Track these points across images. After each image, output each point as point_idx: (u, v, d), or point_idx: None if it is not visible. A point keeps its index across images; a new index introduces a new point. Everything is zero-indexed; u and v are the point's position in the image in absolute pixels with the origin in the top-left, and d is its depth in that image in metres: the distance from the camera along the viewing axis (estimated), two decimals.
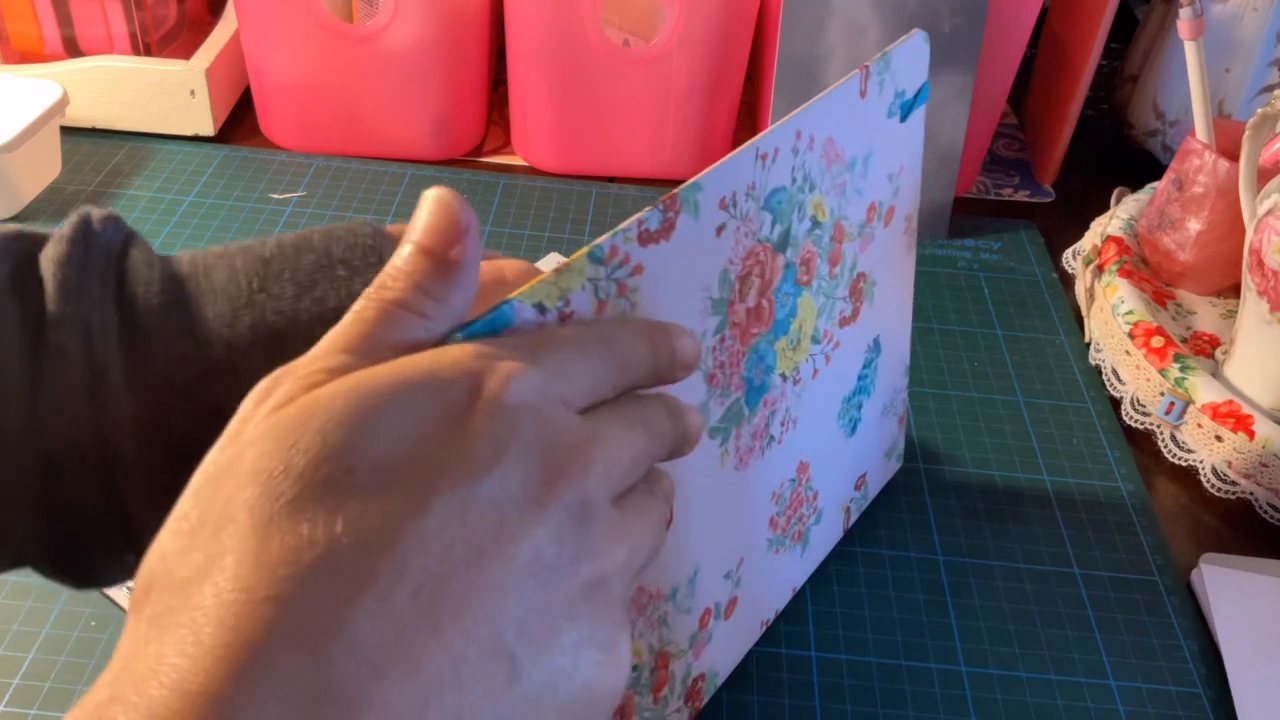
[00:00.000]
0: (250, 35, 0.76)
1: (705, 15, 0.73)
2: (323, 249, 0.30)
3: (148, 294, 0.28)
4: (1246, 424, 0.56)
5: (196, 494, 0.22)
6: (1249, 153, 0.60)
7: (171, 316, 0.28)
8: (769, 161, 0.36)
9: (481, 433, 0.22)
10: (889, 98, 0.43)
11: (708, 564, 0.41)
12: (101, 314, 0.27)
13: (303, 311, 0.28)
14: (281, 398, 0.22)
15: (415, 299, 0.25)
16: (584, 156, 0.80)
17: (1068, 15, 0.82)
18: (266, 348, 0.28)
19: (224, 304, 0.28)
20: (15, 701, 0.44)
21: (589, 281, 0.28)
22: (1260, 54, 0.77)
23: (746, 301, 0.38)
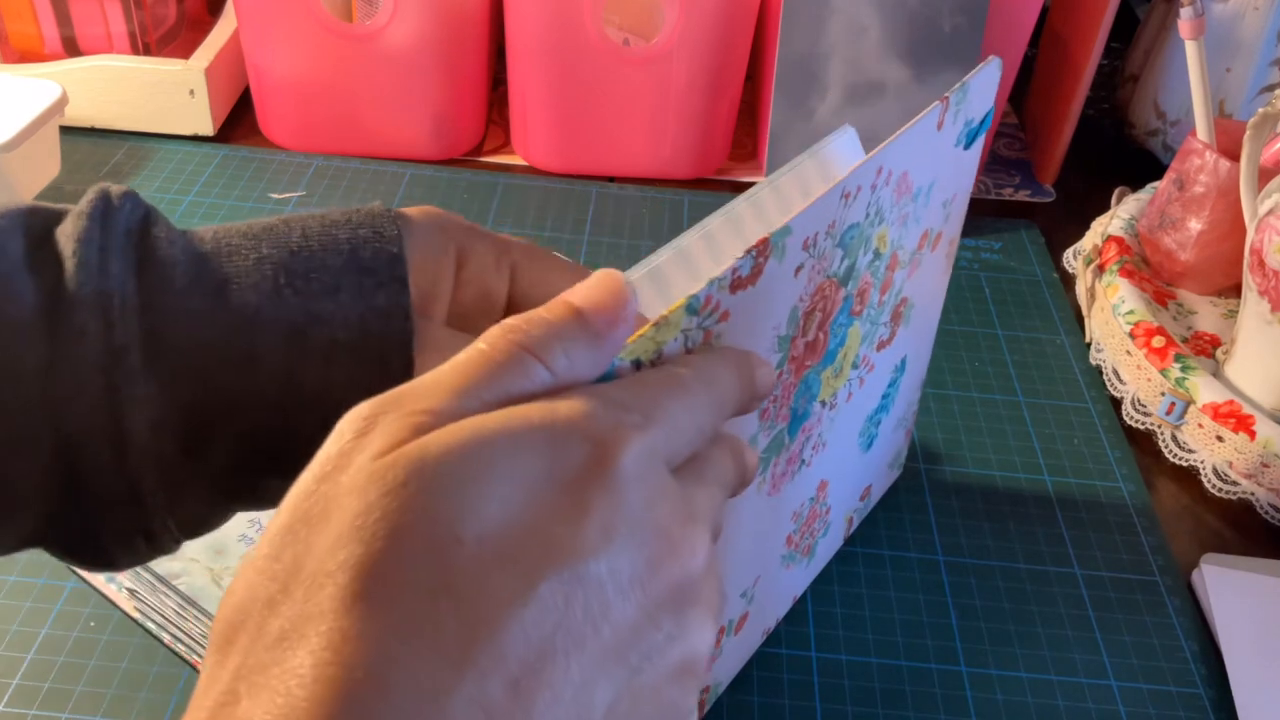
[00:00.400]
0: (249, 35, 0.76)
1: (705, 15, 0.73)
2: (349, 252, 0.29)
3: (170, 274, 0.27)
4: (1247, 424, 0.56)
5: (291, 532, 0.21)
6: (1250, 152, 0.60)
7: (194, 301, 0.27)
8: (850, 200, 0.35)
9: (594, 509, 0.21)
10: (960, 127, 0.43)
11: (729, 587, 0.41)
12: (121, 295, 0.27)
13: (325, 310, 0.28)
14: (386, 442, 0.21)
15: (550, 351, 0.24)
16: (584, 156, 0.80)
17: (1068, 14, 0.82)
18: (287, 340, 0.28)
19: (249, 293, 0.28)
20: (14, 702, 0.44)
21: (681, 333, 0.27)
22: (1261, 53, 0.77)
23: (807, 336, 0.37)
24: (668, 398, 0.25)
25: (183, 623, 0.44)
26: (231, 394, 0.27)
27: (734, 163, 0.84)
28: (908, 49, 0.71)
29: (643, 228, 0.76)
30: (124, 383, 0.26)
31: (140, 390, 0.26)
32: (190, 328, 0.27)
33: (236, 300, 0.27)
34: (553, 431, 0.22)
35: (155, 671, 0.45)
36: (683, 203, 0.78)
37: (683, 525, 0.23)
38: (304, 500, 0.21)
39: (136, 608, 0.46)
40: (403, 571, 0.19)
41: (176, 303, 0.27)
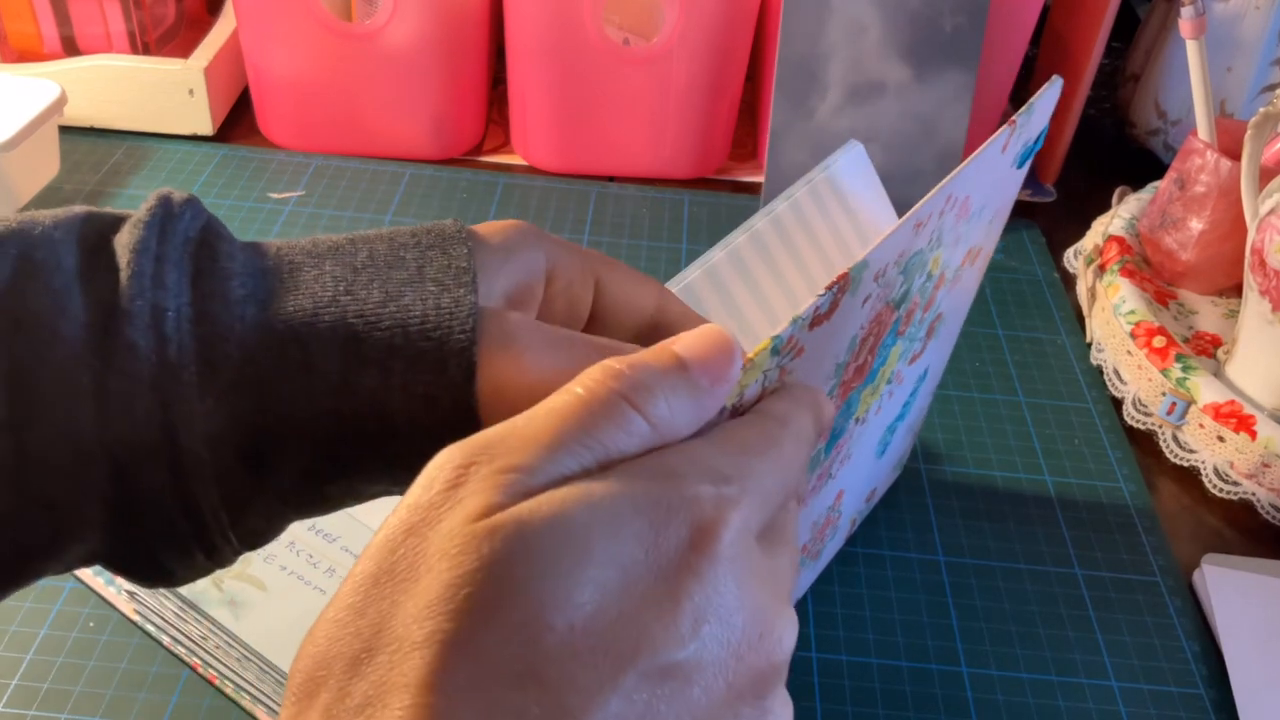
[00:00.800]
0: (249, 34, 0.76)
1: (705, 15, 0.73)
2: (415, 268, 0.28)
3: (226, 287, 0.27)
4: (1248, 424, 0.55)
5: (376, 586, 0.20)
6: (1251, 152, 0.60)
7: (249, 310, 0.27)
8: (921, 229, 0.35)
9: (688, 600, 0.21)
10: (1019, 148, 0.43)
11: None
12: (176, 308, 0.26)
13: (385, 317, 0.27)
14: (480, 504, 0.20)
15: (652, 401, 0.23)
16: (584, 156, 0.80)
17: (1069, 14, 0.82)
18: (342, 350, 0.27)
19: (305, 299, 0.27)
20: (13, 702, 0.43)
21: (763, 374, 0.27)
22: (1262, 53, 0.77)
23: (858, 360, 0.36)
24: (762, 461, 0.24)
25: (182, 624, 0.44)
26: (290, 405, 0.27)
27: (734, 163, 0.84)
28: (908, 49, 0.71)
29: (643, 228, 0.75)
30: (178, 399, 0.25)
31: (196, 406, 0.26)
32: (245, 340, 0.26)
33: (292, 308, 0.27)
34: (654, 514, 0.21)
35: (154, 672, 0.45)
36: (683, 203, 0.78)
37: (772, 609, 0.23)
38: (390, 553, 0.21)
39: (136, 609, 0.46)
40: (491, 654, 0.19)
41: (232, 316, 0.26)
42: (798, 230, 0.45)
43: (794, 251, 0.45)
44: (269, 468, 0.27)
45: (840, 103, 0.73)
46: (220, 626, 0.42)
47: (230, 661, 0.43)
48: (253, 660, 0.42)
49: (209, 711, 0.44)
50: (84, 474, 0.25)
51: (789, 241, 0.44)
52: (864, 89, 0.72)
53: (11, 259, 0.26)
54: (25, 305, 0.25)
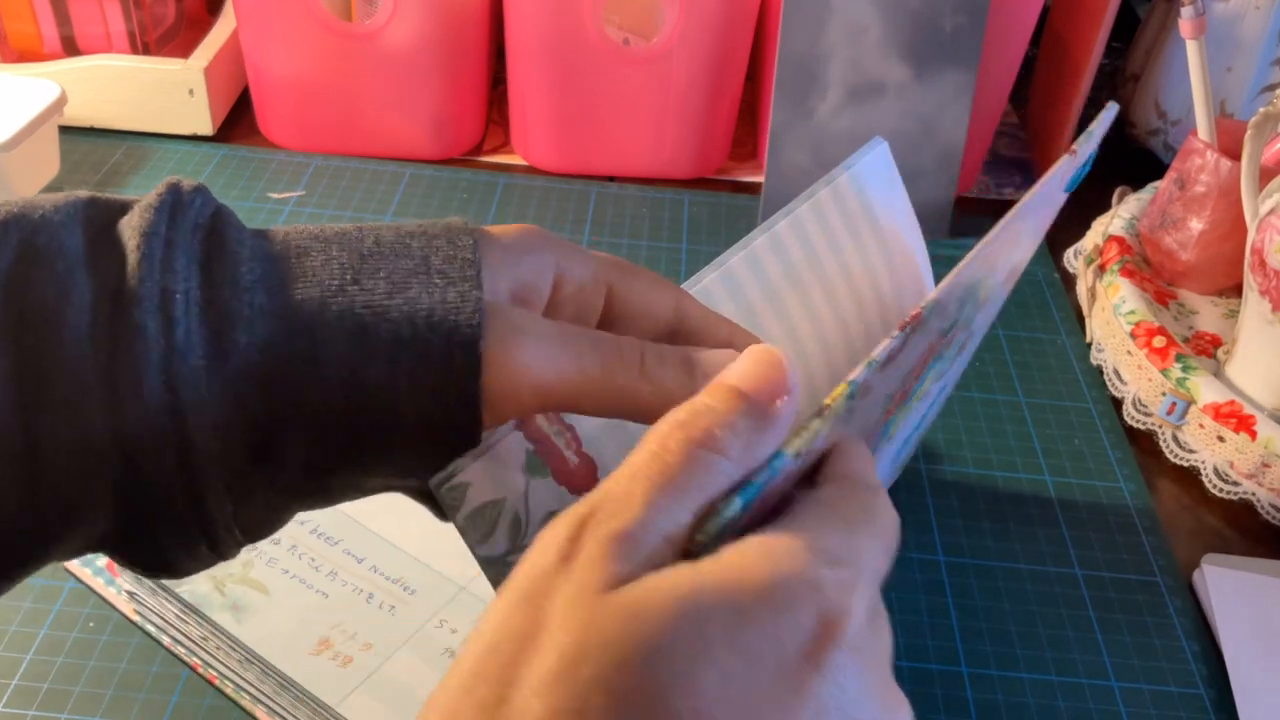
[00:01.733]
0: (249, 34, 0.76)
1: (705, 15, 0.73)
2: (421, 257, 0.28)
3: (235, 273, 0.26)
4: (1248, 424, 0.55)
5: (496, 655, 0.20)
6: (1251, 152, 0.60)
7: (258, 297, 0.26)
8: (984, 263, 0.34)
9: (812, 694, 0.20)
10: (1071, 173, 0.42)
11: None
12: (185, 291, 0.26)
13: (392, 309, 0.27)
14: (595, 576, 0.20)
15: (725, 442, 0.23)
16: (584, 156, 0.80)
17: (1069, 14, 0.82)
18: (350, 341, 0.27)
19: (313, 288, 0.27)
20: (13, 702, 0.43)
21: (834, 418, 0.26)
22: (1262, 53, 0.77)
23: (904, 387, 0.35)
24: (869, 538, 0.23)
25: (183, 625, 0.44)
26: (296, 396, 0.27)
27: (734, 163, 0.84)
28: (908, 49, 0.71)
29: (643, 228, 0.75)
30: (185, 384, 0.25)
31: (204, 393, 0.26)
32: (251, 326, 0.26)
33: (300, 297, 0.27)
34: (776, 604, 0.21)
35: (154, 672, 0.45)
36: (683, 203, 0.78)
37: (893, 695, 0.22)
38: (506, 624, 0.21)
39: (136, 610, 0.46)
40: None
41: (241, 302, 0.26)
42: (819, 234, 0.44)
43: (812, 256, 0.44)
44: (274, 457, 0.27)
45: (840, 103, 0.73)
46: (222, 630, 0.42)
47: (231, 663, 0.43)
48: (254, 663, 0.42)
49: (209, 711, 0.44)
50: (93, 460, 0.25)
51: (808, 245, 0.44)
52: (864, 89, 0.72)
53: (14, 245, 0.25)
54: (30, 293, 0.25)
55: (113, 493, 0.26)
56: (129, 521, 0.27)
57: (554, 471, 0.33)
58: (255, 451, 0.27)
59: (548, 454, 0.33)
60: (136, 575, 0.44)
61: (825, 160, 0.74)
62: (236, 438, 0.26)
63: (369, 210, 0.75)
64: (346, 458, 0.28)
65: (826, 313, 0.44)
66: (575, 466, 0.33)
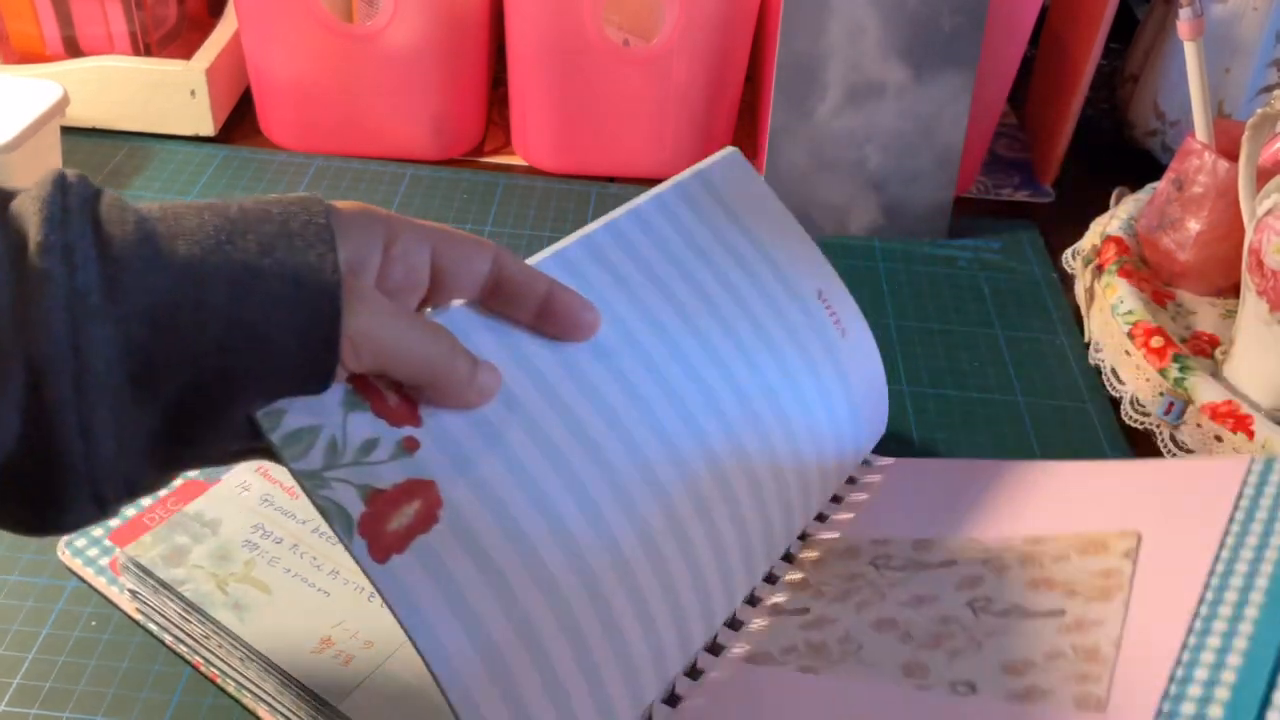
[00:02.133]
0: (250, 35, 0.76)
1: (705, 15, 0.73)
2: (281, 222, 0.33)
3: (124, 231, 0.30)
4: (1246, 424, 0.56)
5: None
6: (1249, 153, 0.60)
7: (145, 250, 0.30)
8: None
9: None
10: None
11: None
12: (82, 245, 0.30)
13: (264, 268, 0.31)
14: None
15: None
16: (584, 156, 0.80)
17: (1068, 15, 0.82)
18: (230, 289, 0.31)
19: (195, 246, 0.31)
20: (15, 701, 0.44)
21: None
22: (1260, 54, 0.77)
23: None
24: None
25: (185, 624, 0.44)
26: (180, 336, 0.30)
27: None
28: (908, 49, 0.71)
29: None
30: (86, 321, 0.29)
31: (99, 330, 0.29)
32: (142, 274, 0.30)
33: (184, 252, 0.31)
34: None
35: (156, 671, 0.45)
36: None
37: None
38: None
39: (138, 609, 0.46)
40: None
41: (130, 254, 0.30)
42: (665, 225, 0.48)
43: (661, 244, 0.48)
44: (155, 392, 0.30)
45: (839, 103, 0.73)
46: (224, 628, 0.43)
47: (233, 661, 0.43)
48: (255, 661, 0.42)
49: (210, 710, 0.44)
50: (4, 376, 0.29)
51: (655, 235, 0.48)
52: (863, 89, 0.72)
53: None
54: None
55: (21, 415, 0.29)
56: (26, 452, 0.30)
57: (372, 406, 0.36)
58: (139, 385, 0.30)
59: (365, 391, 0.36)
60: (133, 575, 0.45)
61: (825, 160, 0.74)
62: (122, 370, 0.30)
63: None
64: (218, 396, 0.31)
65: (686, 292, 0.47)
66: (395, 404, 0.36)
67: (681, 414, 0.44)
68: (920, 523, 0.48)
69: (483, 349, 0.39)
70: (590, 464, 0.40)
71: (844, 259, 0.75)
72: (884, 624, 0.43)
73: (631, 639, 0.39)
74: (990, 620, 0.41)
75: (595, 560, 0.38)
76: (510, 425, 0.39)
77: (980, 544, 0.46)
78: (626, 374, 0.43)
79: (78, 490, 0.31)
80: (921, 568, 0.46)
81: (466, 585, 0.35)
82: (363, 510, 0.34)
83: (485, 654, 0.34)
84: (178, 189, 0.75)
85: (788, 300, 0.50)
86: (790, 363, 0.49)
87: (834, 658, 0.42)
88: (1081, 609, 0.40)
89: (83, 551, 0.49)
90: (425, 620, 0.34)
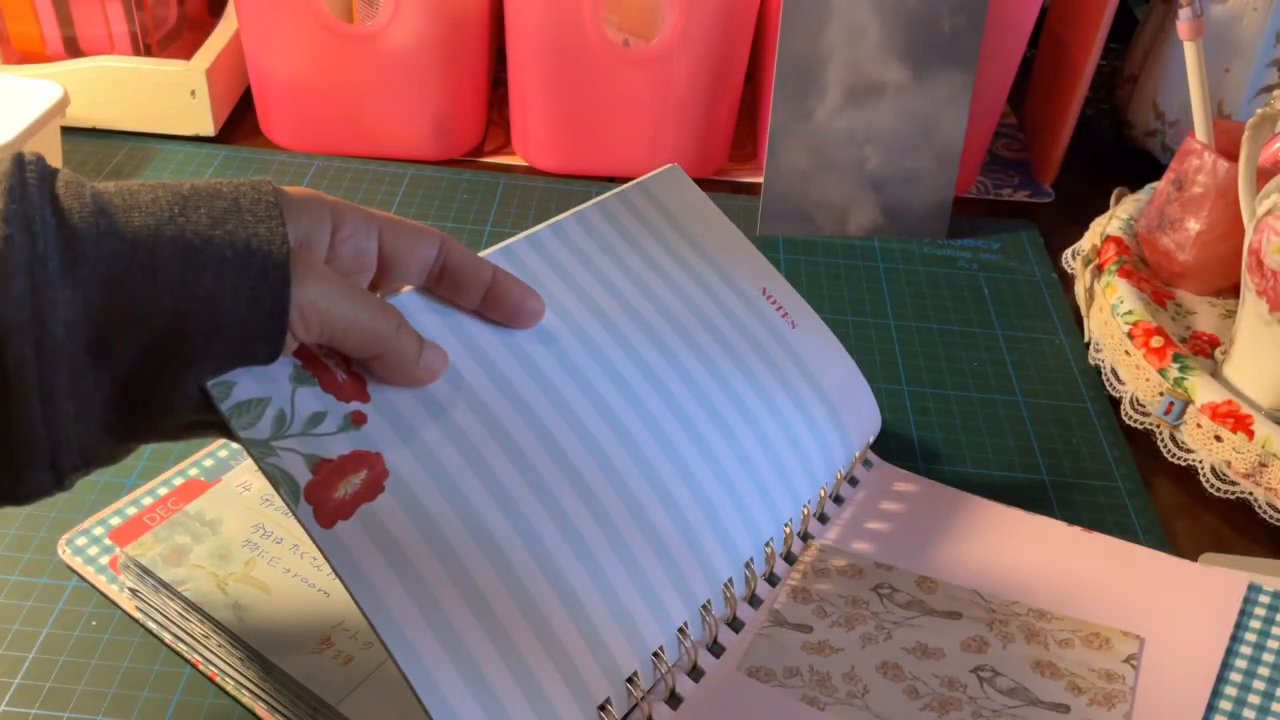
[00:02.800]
0: (251, 35, 0.76)
1: (705, 15, 0.73)
2: (231, 199, 0.34)
3: (81, 204, 0.32)
4: (1246, 424, 0.56)
5: None
6: (1248, 153, 0.60)
7: (101, 221, 0.32)
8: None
9: None
10: None
11: None
12: (41, 215, 0.31)
13: (216, 235, 0.33)
14: None
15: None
16: (584, 156, 0.80)
17: (1068, 15, 0.82)
18: (183, 257, 0.32)
19: (149, 218, 0.32)
20: (15, 701, 0.44)
21: None
22: (1260, 54, 0.77)
23: None
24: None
25: (185, 623, 0.44)
26: (135, 301, 0.31)
27: (734, 163, 0.84)
28: (907, 49, 0.71)
29: None
30: (45, 285, 0.30)
31: (58, 293, 0.30)
32: (99, 243, 0.31)
33: (139, 223, 0.32)
34: None
35: (157, 670, 0.45)
36: None
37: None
38: None
39: (138, 607, 0.46)
40: None
41: (87, 224, 0.31)
42: (608, 229, 0.50)
43: (604, 244, 0.49)
44: (111, 357, 0.32)
45: (839, 104, 0.73)
46: (224, 628, 0.43)
47: (233, 661, 0.43)
48: (255, 661, 0.42)
49: (210, 710, 0.44)
50: None
51: (599, 238, 0.49)
52: (863, 90, 0.72)
53: None
54: None
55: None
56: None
57: (320, 382, 0.37)
58: (96, 350, 0.31)
59: (314, 368, 0.37)
60: (134, 574, 0.45)
61: (825, 160, 0.74)
62: (80, 336, 0.31)
63: None
64: (170, 361, 0.32)
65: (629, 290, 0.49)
66: (344, 380, 0.38)
67: (627, 395, 0.45)
68: (927, 558, 0.49)
69: (429, 331, 0.40)
70: (536, 441, 0.41)
71: (844, 259, 0.75)
72: (890, 669, 0.44)
73: (591, 609, 0.39)
74: (997, 697, 0.43)
75: (545, 531, 0.39)
76: (456, 403, 0.40)
77: (985, 603, 0.47)
78: (570, 356, 0.44)
79: (37, 456, 0.31)
80: (926, 611, 0.47)
81: (413, 552, 0.36)
82: (309, 478, 0.35)
83: (431, 618, 0.35)
84: None
85: (732, 296, 0.52)
86: (739, 350, 0.50)
87: (839, 696, 0.42)
88: (1085, 713, 0.42)
89: (83, 550, 0.49)
90: (370, 584, 0.35)
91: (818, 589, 0.47)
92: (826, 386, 0.52)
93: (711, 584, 0.43)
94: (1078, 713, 0.42)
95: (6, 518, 0.51)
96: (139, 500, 0.51)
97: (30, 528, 0.50)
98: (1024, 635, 0.45)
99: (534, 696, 0.36)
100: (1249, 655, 0.45)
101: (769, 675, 0.43)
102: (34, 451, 0.31)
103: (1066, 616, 0.46)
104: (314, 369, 0.37)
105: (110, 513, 0.50)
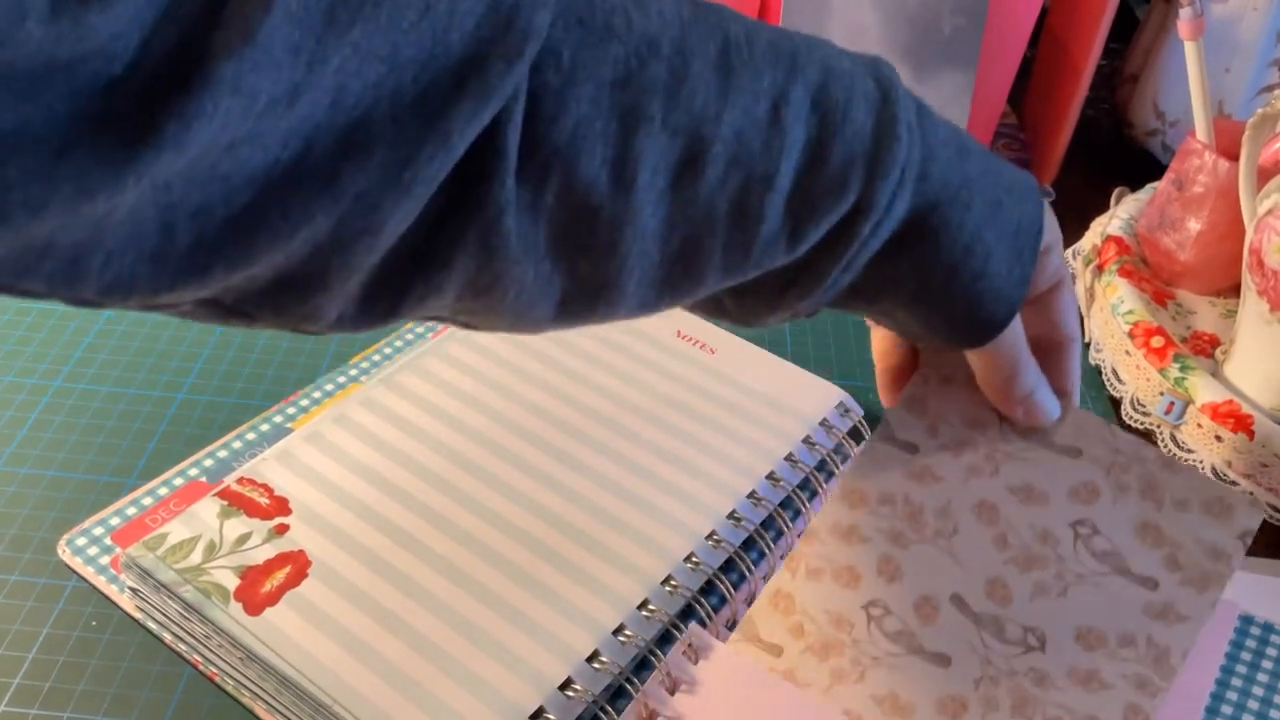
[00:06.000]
0: None
1: None
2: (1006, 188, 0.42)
3: (934, 131, 0.38)
4: (1246, 424, 0.56)
5: None
6: (1249, 153, 0.60)
7: (947, 152, 0.38)
8: None
9: None
10: None
11: None
12: (909, 127, 0.36)
13: (1004, 204, 0.41)
14: None
15: None
16: None
17: (1068, 15, 0.82)
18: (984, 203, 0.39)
19: (974, 167, 0.40)
20: (15, 701, 0.44)
21: None
22: (1260, 54, 0.77)
23: None
24: None
25: (185, 623, 0.44)
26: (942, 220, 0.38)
27: None
28: (907, 50, 0.71)
29: None
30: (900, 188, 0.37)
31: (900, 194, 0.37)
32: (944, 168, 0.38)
33: (970, 167, 0.39)
34: None
35: (157, 670, 0.45)
36: None
37: None
38: None
39: (139, 607, 0.46)
40: None
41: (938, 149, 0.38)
42: None
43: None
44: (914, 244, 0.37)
45: None
46: (224, 629, 0.43)
47: (233, 661, 0.43)
48: (255, 661, 0.42)
49: (210, 710, 0.44)
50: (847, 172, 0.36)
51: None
52: None
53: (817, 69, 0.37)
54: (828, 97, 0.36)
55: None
56: None
57: (245, 512, 0.46)
58: (898, 242, 0.37)
59: (239, 503, 0.47)
60: (135, 574, 0.45)
61: None
62: (895, 227, 0.37)
63: None
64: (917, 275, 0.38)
65: None
66: (267, 505, 0.47)
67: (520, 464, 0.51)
68: None
69: None
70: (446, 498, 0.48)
71: None
72: (986, 511, 0.41)
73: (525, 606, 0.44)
74: (1087, 559, 0.40)
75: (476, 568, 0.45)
76: (368, 491, 0.48)
77: (1112, 440, 0.43)
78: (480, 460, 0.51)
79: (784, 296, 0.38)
80: (1045, 444, 0.43)
81: (343, 617, 0.43)
82: (237, 583, 0.43)
83: (368, 661, 0.41)
84: None
85: (644, 347, 0.58)
86: (657, 391, 0.56)
87: (927, 534, 0.40)
88: (1173, 592, 0.39)
89: (83, 550, 0.49)
90: (305, 651, 0.41)
91: (934, 406, 0.44)
92: (759, 387, 0.57)
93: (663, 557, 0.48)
94: (1165, 591, 0.39)
95: (6, 518, 0.51)
96: (140, 501, 0.50)
97: (30, 528, 0.50)
98: (1140, 487, 0.42)
99: (480, 692, 0.41)
100: (1239, 688, 0.44)
101: (862, 500, 0.41)
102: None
103: (1194, 471, 0.42)
104: (236, 503, 0.47)
105: (110, 513, 0.50)
